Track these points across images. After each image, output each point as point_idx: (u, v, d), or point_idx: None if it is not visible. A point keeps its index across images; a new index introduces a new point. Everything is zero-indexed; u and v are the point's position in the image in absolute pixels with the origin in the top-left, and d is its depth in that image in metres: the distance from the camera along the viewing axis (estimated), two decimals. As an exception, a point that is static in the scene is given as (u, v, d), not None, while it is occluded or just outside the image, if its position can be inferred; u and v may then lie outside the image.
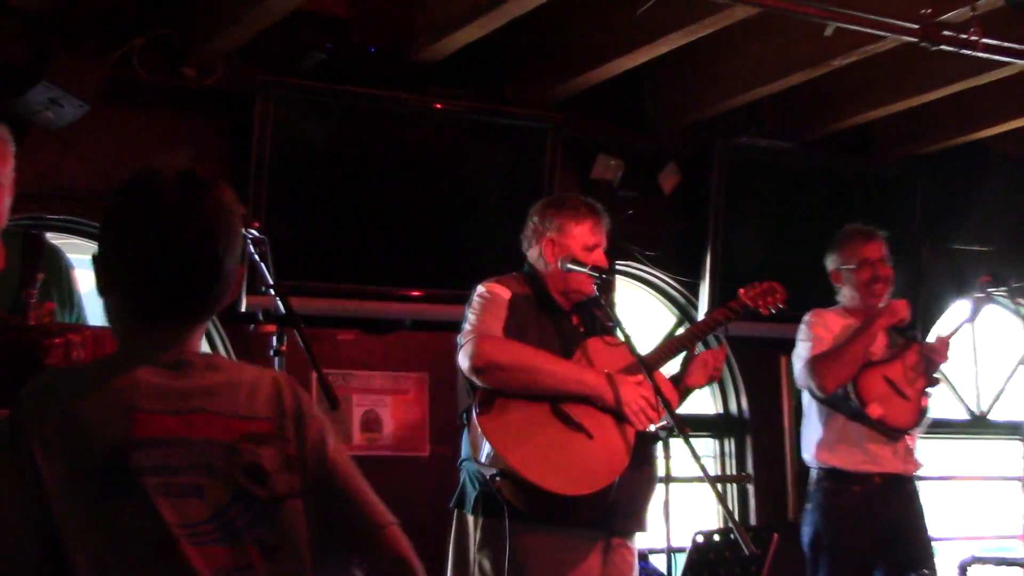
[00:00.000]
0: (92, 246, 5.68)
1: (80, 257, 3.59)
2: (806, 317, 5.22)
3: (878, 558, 5.10)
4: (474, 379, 4.03)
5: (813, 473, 5.24)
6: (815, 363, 5.04)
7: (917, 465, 5.25)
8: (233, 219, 2.16)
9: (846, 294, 5.24)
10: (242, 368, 2.21)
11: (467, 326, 4.11)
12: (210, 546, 1.99)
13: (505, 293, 4.16)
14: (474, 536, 4.05)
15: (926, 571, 5.09)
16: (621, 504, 4.03)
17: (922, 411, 5.24)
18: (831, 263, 5.28)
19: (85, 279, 3.48)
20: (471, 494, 4.06)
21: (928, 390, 5.26)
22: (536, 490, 3.89)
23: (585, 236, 4.22)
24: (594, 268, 4.12)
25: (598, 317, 4.32)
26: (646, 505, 4.18)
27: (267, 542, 2.06)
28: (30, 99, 4.91)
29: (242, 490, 2.04)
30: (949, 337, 5.31)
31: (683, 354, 4.44)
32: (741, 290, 4.54)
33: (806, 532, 5.19)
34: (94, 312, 3.53)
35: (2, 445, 1.98)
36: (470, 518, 4.07)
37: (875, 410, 5.06)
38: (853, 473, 5.10)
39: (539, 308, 4.21)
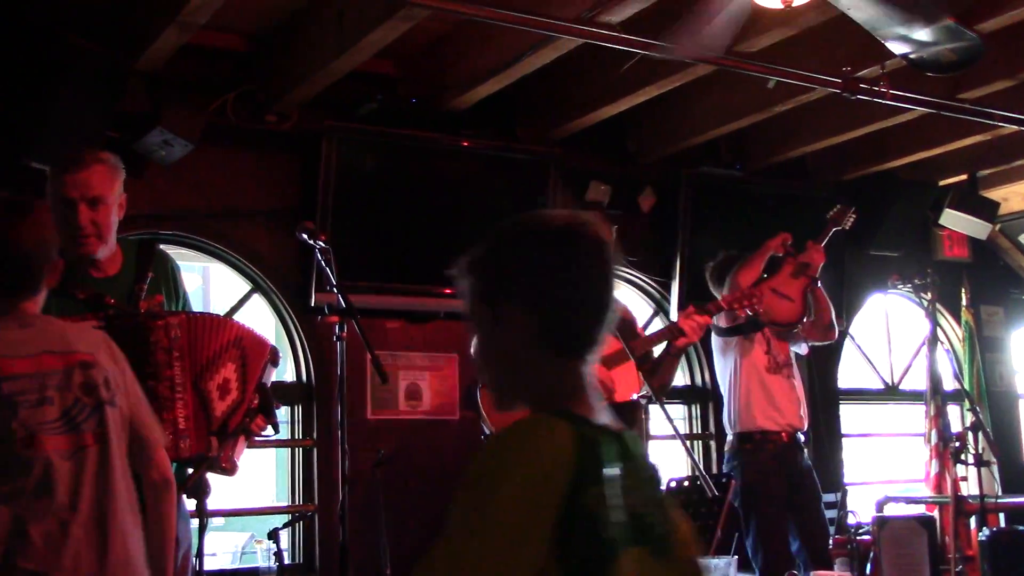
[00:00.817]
0: (196, 255, 5.74)
1: (187, 263, 3.61)
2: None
3: (793, 506, 5.11)
4: None
5: (731, 438, 5.25)
6: (734, 276, 5.18)
7: (805, 421, 5.25)
8: (43, 231, 2.59)
9: None
10: (69, 323, 2.70)
11: None
12: (59, 435, 2.45)
13: None
14: None
15: (852, 510, 5.11)
16: None
17: (806, 306, 5.27)
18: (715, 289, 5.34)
19: (190, 279, 3.52)
20: None
21: (809, 287, 5.33)
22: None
23: None
24: None
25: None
26: None
27: (96, 431, 2.50)
28: (148, 140, 4.94)
29: (77, 399, 2.49)
30: (819, 242, 5.40)
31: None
32: (725, 295, 4.49)
33: (733, 487, 5.20)
34: (197, 304, 3.59)
35: None
36: None
37: (764, 315, 5.11)
38: (765, 432, 5.10)
39: None
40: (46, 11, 4.68)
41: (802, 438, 5.24)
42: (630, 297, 6.78)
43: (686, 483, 4.79)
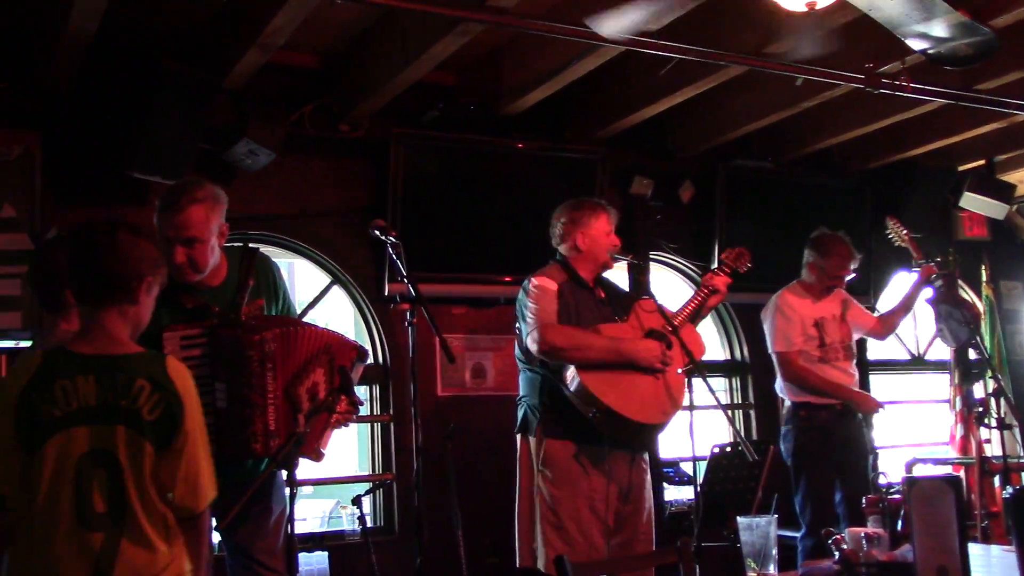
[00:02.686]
0: (282, 252, 5.79)
1: (274, 260, 3.59)
2: (777, 302, 5.15)
3: (839, 465, 5.02)
4: (542, 358, 3.87)
5: (788, 403, 5.18)
6: None
7: None
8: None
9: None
10: None
11: (529, 316, 3.92)
12: None
13: (552, 285, 3.99)
14: (538, 455, 3.94)
15: (883, 472, 5.01)
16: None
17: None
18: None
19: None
20: (533, 423, 3.96)
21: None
22: (626, 421, 3.79)
23: (605, 226, 4.14)
24: (633, 255, 4.07)
25: (615, 288, 4.23)
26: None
27: None
28: (235, 151, 5.00)
29: None
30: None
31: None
32: (723, 255, 4.35)
33: (786, 448, 5.12)
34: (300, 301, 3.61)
35: None
36: (532, 440, 3.97)
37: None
38: (820, 404, 5.02)
39: (578, 288, 4.06)
40: (143, 38, 4.75)
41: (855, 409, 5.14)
42: (673, 281, 6.74)
43: (728, 449, 4.74)
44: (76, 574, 2.21)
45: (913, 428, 7.95)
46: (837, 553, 2.47)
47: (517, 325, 4.08)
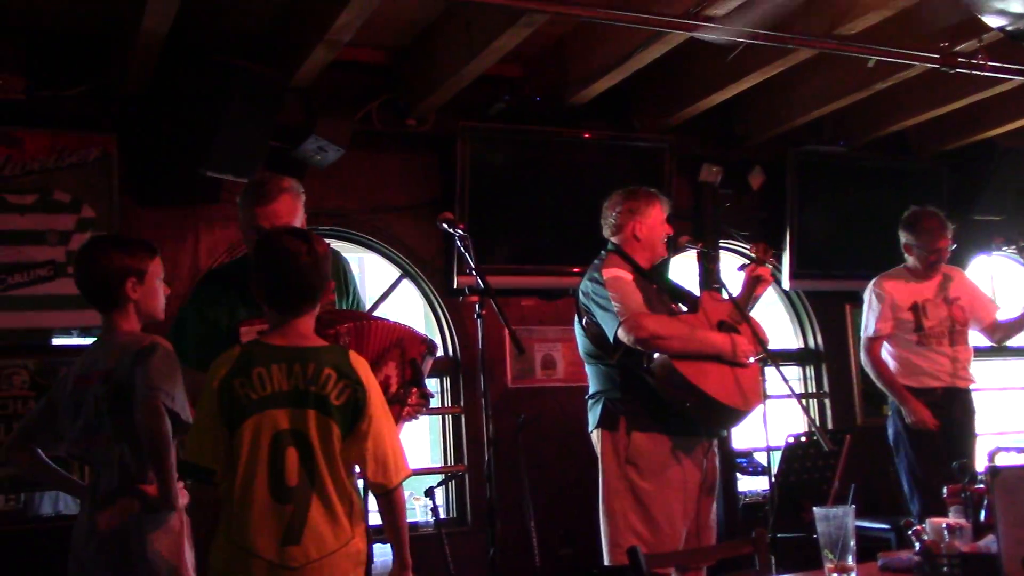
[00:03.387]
0: (351, 247, 5.84)
1: (344, 255, 3.62)
2: (871, 286, 5.07)
3: (945, 449, 4.88)
4: (638, 348, 3.72)
5: None
6: None
7: (969, 380, 5.04)
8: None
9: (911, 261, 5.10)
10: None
11: (615, 306, 3.75)
12: None
13: (628, 275, 3.85)
14: (625, 449, 3.82)
15: (964, 459, 4.90)
16: None
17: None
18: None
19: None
20: (616, 417, 3.84)
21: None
22: (724, 408, 3.72)
23: (660, 215, 4.06)
24: (703, 244, 4.01)
25: (665, 279, 4.16)
26: None
27: None
28: (305, 148, 5.06)
29: None
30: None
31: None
32: (751, 249, 4.19)
33: (890, 432, 5.03)
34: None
35: None
36: (616, 435, 3.84)
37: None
38: (920, 388, 4.92)
39: (641, 279, 3.92)
40: (213, 39, 4.83)
41: (968, 392, 5.02)
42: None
43: (803, 439, 4.67)
44: (268, 540, 2.41)
45: (996, 416, 7.76)
46: (918, 544, 2.41)
47: (583, 321, 3.95)
